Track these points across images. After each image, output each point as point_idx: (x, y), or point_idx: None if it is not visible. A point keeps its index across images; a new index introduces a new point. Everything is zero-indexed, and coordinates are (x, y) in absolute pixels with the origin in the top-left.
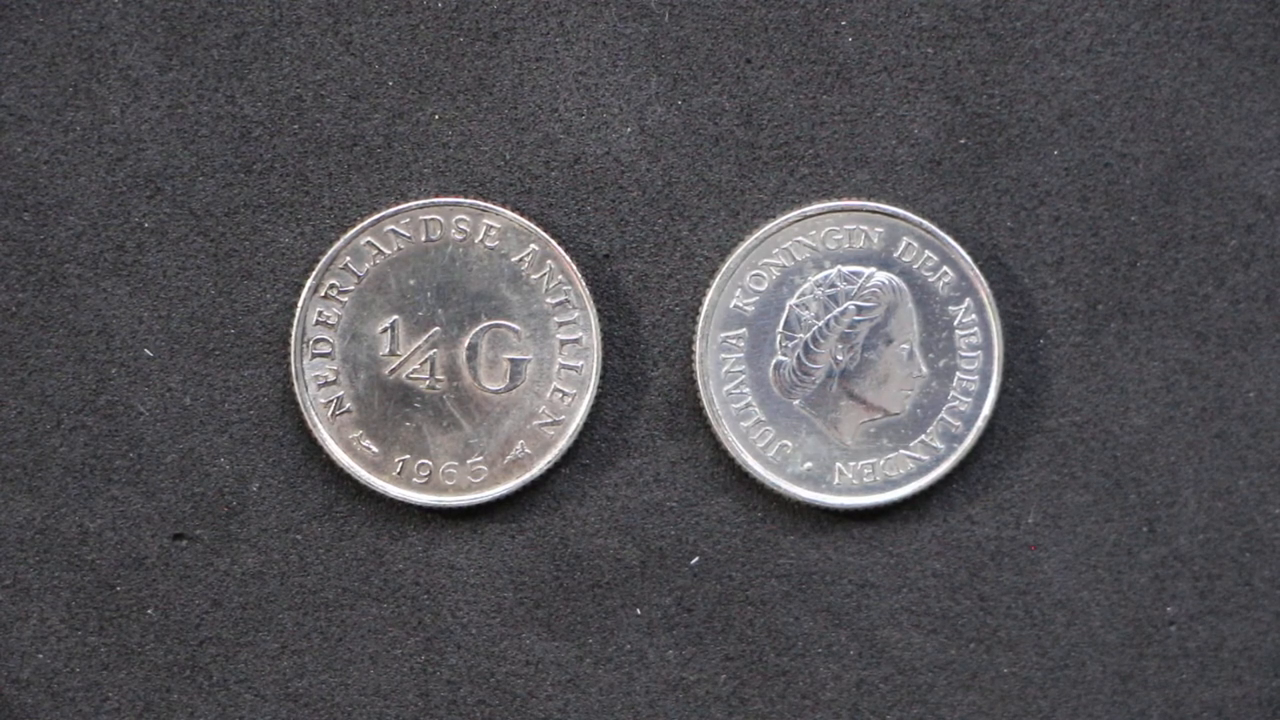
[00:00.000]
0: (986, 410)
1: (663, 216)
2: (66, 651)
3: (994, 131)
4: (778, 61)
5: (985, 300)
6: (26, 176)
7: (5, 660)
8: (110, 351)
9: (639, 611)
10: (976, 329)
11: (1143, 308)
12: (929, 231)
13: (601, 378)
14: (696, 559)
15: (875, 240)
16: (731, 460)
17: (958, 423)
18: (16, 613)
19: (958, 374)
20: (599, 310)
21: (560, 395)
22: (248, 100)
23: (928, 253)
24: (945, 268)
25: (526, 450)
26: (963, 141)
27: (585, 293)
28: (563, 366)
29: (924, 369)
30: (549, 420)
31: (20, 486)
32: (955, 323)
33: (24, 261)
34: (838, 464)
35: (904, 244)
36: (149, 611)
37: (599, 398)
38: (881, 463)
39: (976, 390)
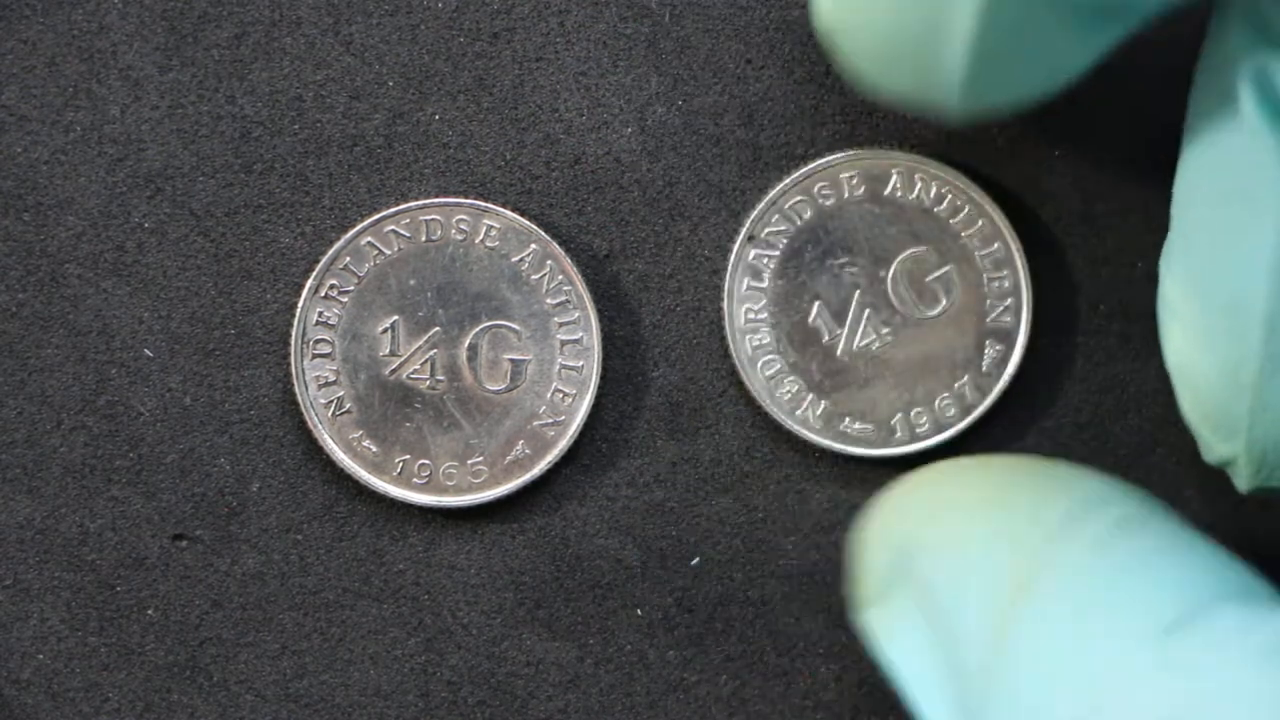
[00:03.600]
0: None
1: (663, 216)
2: (66, 651)
3: (994, 132)
4: (778, 62)
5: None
6: (26, 176)
7: (5, 660)
8: (110, 351)
9: (639, 612)
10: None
11: (1143, 308)
12: None
13: (602, 378)
14: (697, 559)
15: None
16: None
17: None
18: (16, 613)
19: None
20: (599, 310)
21: (560, 396)
22: (248, 100)
23: None
24: None
25: (527, 450)
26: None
27: (585, 293)
28: (563, 367)
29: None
30: (549, 421)
31: (20, 486)
32: None
33: (24, 261)
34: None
35: None
36: (149, 611)
37: (599, 398)
38: None
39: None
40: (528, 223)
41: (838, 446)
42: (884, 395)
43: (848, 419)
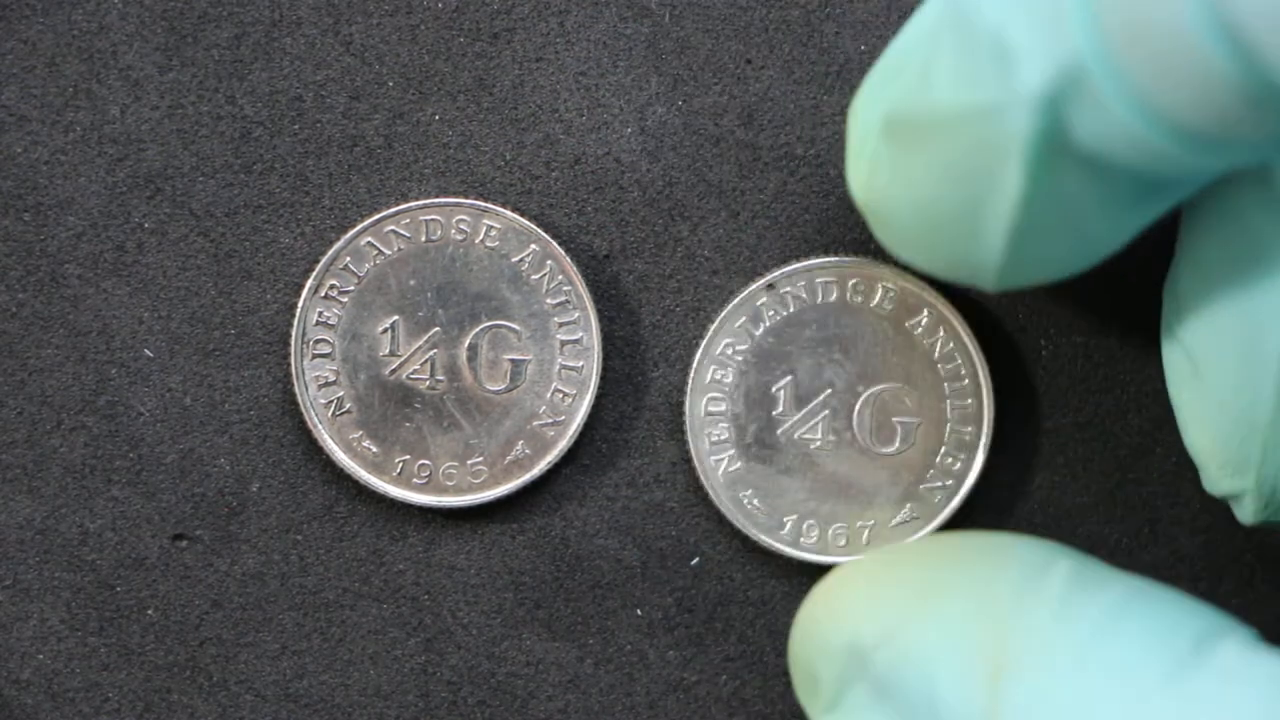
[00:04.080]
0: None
1: (663, 216)
2: (66, 651)
3: None
4: (778, 62)
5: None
6: (26, 176)
7: (5, 660)
8: (110, 351)
9: (639, 612)
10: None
11: (1142, 309)
12: None
13: (602, 378)
14: (697, 559)
15: None
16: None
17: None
18: (16, 613)
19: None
20: (599, 310)
21: (560, 396)
22: (248, 100)
23: None
24: None
25: (527, 451)
26: None
27: (585, 293)
28: (563, 367)
29: None
30: (549, 421)
31: (20, 486)
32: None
33: (24, 261)
34: None
35: None
36: (149, 611)
37: (599, 398)
38: None
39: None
40: (528, 223)
41: (727, 511)
42: (793, 491)
43: (751, 491)
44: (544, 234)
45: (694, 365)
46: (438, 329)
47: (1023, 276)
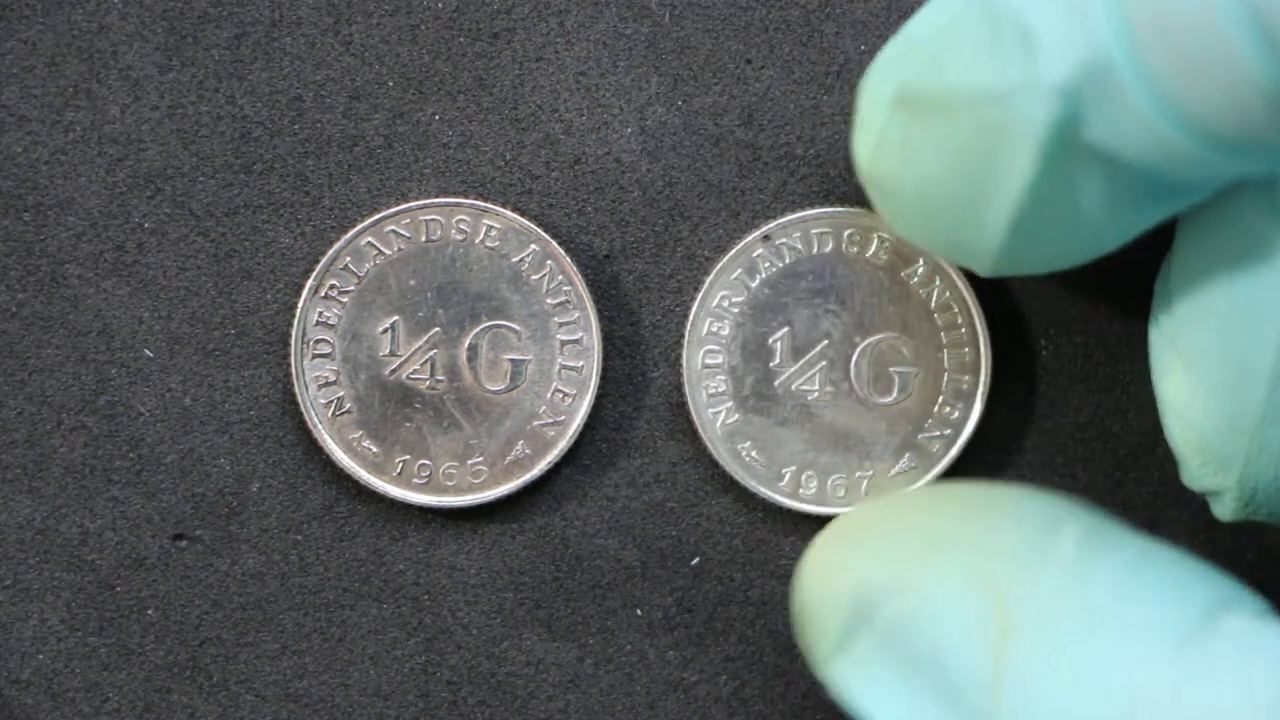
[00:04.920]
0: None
1: (663, 216)
2: (66, 651)
3: None
4: (778, 62)
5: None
6: (26, 176)
7: (5, 660)
8: (110, 351)
9: (639, 612)
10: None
11: (1142, 309)
12: None
13: (602, 378)
14: (697, 560)
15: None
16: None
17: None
18: (16, 613)
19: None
20: (599, 310)
21: (561, 396)
22: (248, 100)
23: None
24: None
25: (527, 451)
26: None
27: (585, 293)
28: (563, 367)
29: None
30: (549, 421)
31: (20, 486)
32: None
33: (24, 261)
34: None
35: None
36: (149, 611)
37: (599, 398)
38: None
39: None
40: (528, 223)
41: (726, 464)
42: (791, 443)
43: (749, 443)
44: (544, 234)
45: (690, 318)
46: (438, 329)
47: (1018, 265)
